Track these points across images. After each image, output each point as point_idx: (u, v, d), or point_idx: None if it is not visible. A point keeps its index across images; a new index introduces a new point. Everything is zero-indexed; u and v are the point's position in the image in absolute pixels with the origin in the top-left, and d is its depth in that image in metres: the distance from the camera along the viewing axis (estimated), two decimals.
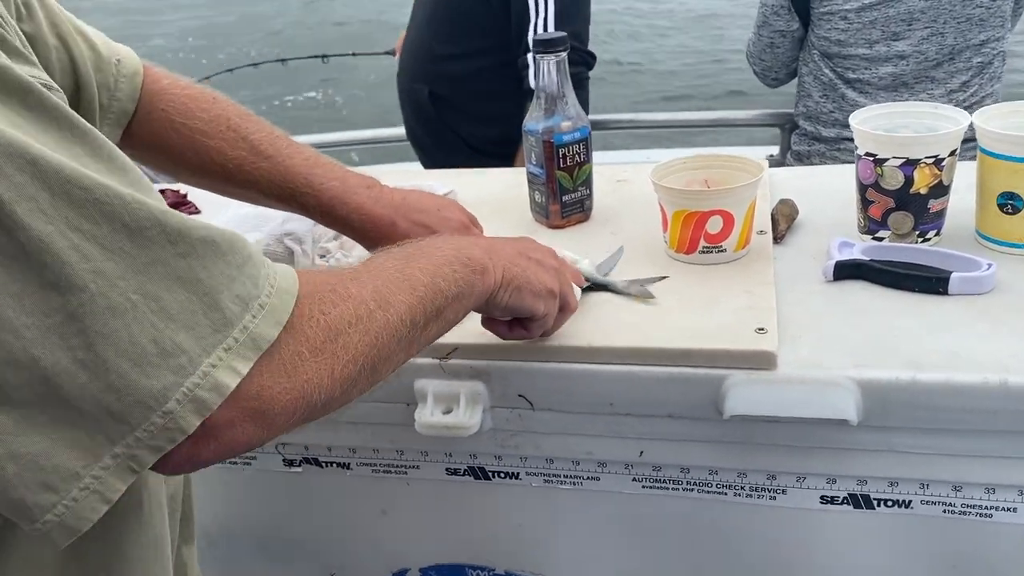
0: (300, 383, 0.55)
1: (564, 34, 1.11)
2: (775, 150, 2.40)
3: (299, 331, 0.56)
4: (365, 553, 1.11)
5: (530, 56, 1.91)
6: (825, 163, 2.01)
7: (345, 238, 1.13)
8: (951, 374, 0.82)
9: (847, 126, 1.97)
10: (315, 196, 0.96)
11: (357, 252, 1.10)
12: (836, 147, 2.00)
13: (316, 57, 3.36)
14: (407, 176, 1.42)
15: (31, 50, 0.56)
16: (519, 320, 0.85)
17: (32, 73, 0.51)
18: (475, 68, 2.02)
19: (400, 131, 2.34)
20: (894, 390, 0.83)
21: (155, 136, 0.91)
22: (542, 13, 1.90)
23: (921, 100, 1.80)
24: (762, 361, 0.86)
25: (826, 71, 1.97)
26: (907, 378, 0.82)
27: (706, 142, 2.76)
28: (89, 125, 0.51)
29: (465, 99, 2.07)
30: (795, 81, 2.24)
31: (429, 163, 2.25)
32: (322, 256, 1.10)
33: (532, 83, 1.92)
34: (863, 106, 1.93)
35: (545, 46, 1.10)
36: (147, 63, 0.93)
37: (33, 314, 0.46)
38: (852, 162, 1.94)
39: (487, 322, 0.86)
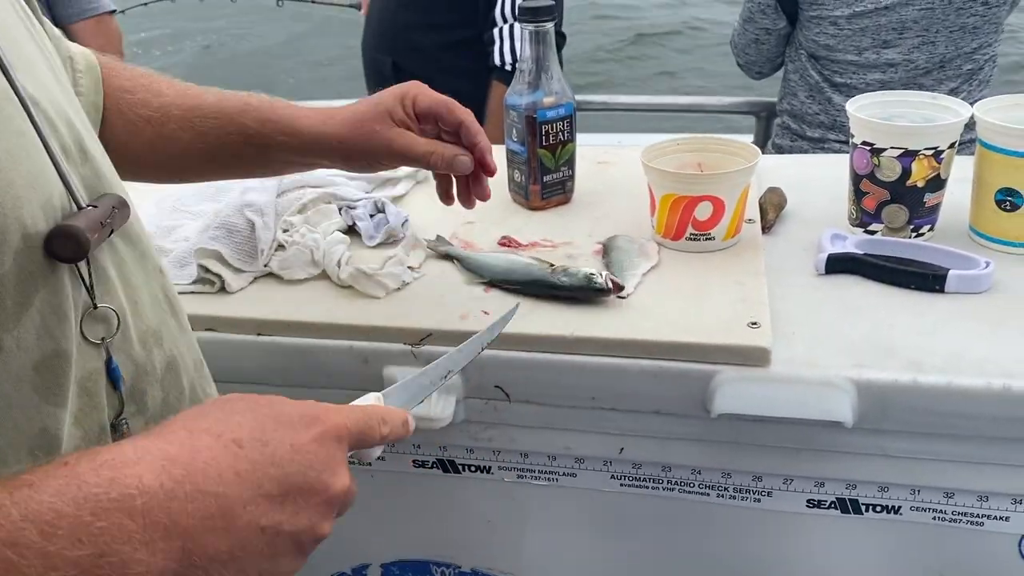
0: None
1: (551, 2, 1.04)
2: (749, 139, 2.36)
3: None
4: (324, 547, 1.04)
5: (496, 31, 1.84)
6: None
7: (312, 212, 1.06)
8: (953, 377, 0.78)
9: (832, 128, 1.95)
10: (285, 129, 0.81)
11: (323, 227, 1.03)
12: (820, 146, 1.96)
13: None
14: None
15: None
16: None
17: None
18: (441, 41, 1.94)
19: None
20: (893, 392, 0.79)
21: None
22: None
23: None
24: (755, 357, 0.81)
25: (813, 73, 1.93)
26: (908, 380, 0.78)
27: (676, 128, 2.71)
28: None
29: (430, 73, 1.97)
30: (779, 73, 2.19)
31: None
32: (285, 230, 1.03)
33: (497, 59, 1.85)
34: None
35: (531, 14, 1.04)
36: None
37: None
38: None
39: None
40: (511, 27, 1.84)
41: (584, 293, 0.88)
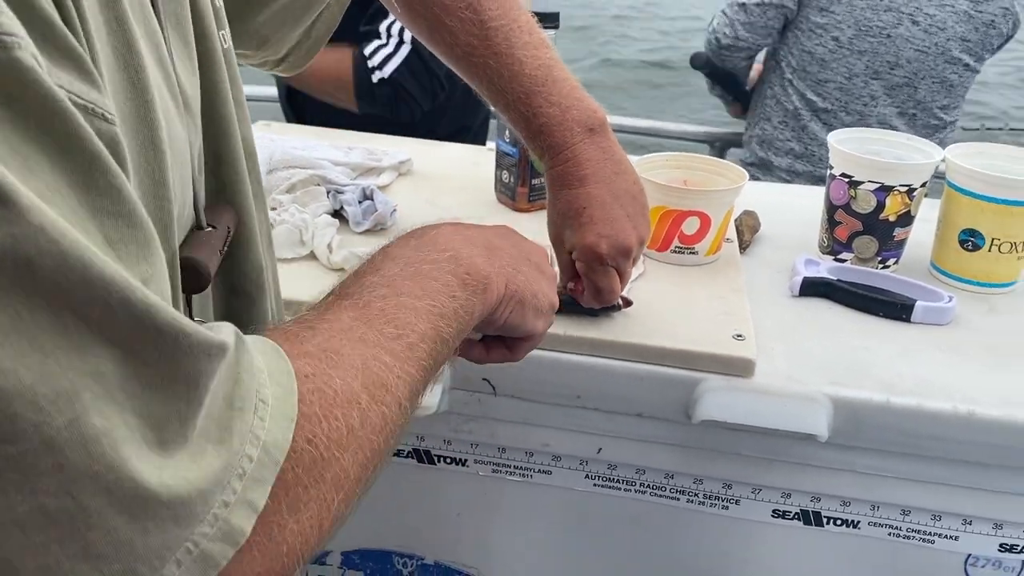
0: (279, 554, 0.40)
1: (556, 11, 1.06)
2: None
3: (280, 487, 0.40)
4: None
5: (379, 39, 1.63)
6: None
7: (301, 192, 1.05)
8: (923, 400, 0.83)
9: (799, 157, 2.02)
10: (525, 120, 0.81)
11: (312, 208, 1.02)
12: (784, 176, 2.03)
13: None
14: (358, 141, 1.35)
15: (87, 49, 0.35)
16: (500, 338, 0.70)
17: (72, 87, 0.34)
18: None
19: None
20: (867, 411, 0.83)
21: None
22: None
23: None
24: (740, 368, 0.84)
25: (793, 98, 1.99)
26: (881, 400, 0.83)
27: (630, 150, 2.76)
28: (120, 176, 0.34)
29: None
30: (728, 106, 2.26)
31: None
32: (273, 208, 1.02)
33: (369, 51, 1.61)
34: (821, 141, 1.98)
35: (536, 20, 1.05)
36: None
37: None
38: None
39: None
40: (397, 44, 1.60)
41: (593, 310, 0.87)
